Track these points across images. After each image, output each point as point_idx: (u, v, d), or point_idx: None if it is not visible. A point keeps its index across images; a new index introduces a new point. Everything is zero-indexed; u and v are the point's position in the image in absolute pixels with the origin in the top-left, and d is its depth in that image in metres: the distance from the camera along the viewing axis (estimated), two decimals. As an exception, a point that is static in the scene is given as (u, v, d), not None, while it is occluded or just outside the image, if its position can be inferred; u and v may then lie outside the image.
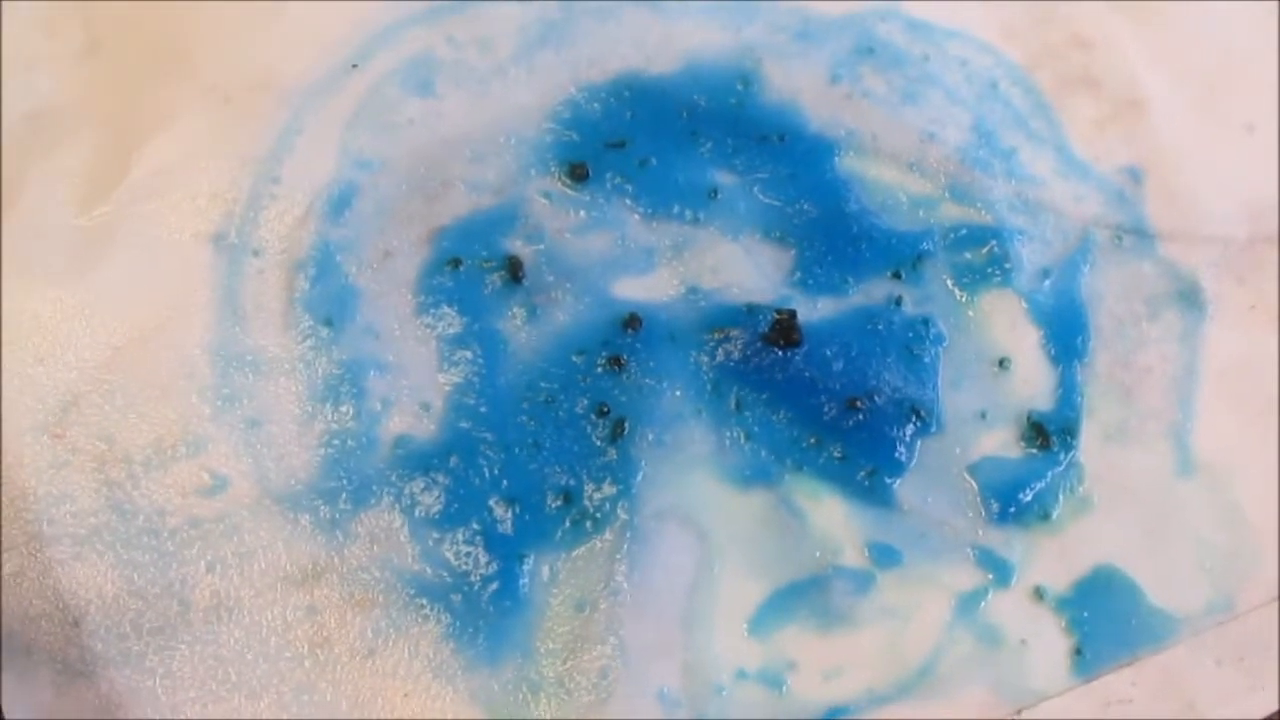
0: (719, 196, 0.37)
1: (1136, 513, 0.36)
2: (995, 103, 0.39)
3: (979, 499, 0.36)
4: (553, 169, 0.37)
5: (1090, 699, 0.35)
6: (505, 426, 0.35)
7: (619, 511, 0.35)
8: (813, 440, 0.36)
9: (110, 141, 0.36)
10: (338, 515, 0.34)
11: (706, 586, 0.35)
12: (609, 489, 0.35)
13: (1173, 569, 0.36)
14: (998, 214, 0.38)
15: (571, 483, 0.35)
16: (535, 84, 0.38)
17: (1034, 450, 0.36)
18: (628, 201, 0.37)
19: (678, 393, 0.36)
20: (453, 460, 0.35)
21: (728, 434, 0.36)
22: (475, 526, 0.34)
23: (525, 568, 0.34)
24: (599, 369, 0.36)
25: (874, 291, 0.37)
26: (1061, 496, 0.36)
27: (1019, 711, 0.34)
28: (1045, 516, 0.36)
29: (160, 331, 0.35)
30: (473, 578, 0.34)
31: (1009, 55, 0.39)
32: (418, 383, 0.35)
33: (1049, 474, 0.36)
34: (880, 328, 0.37)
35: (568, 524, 0.35)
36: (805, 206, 0.38)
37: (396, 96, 0.37)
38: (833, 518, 0.35)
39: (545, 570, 0.34)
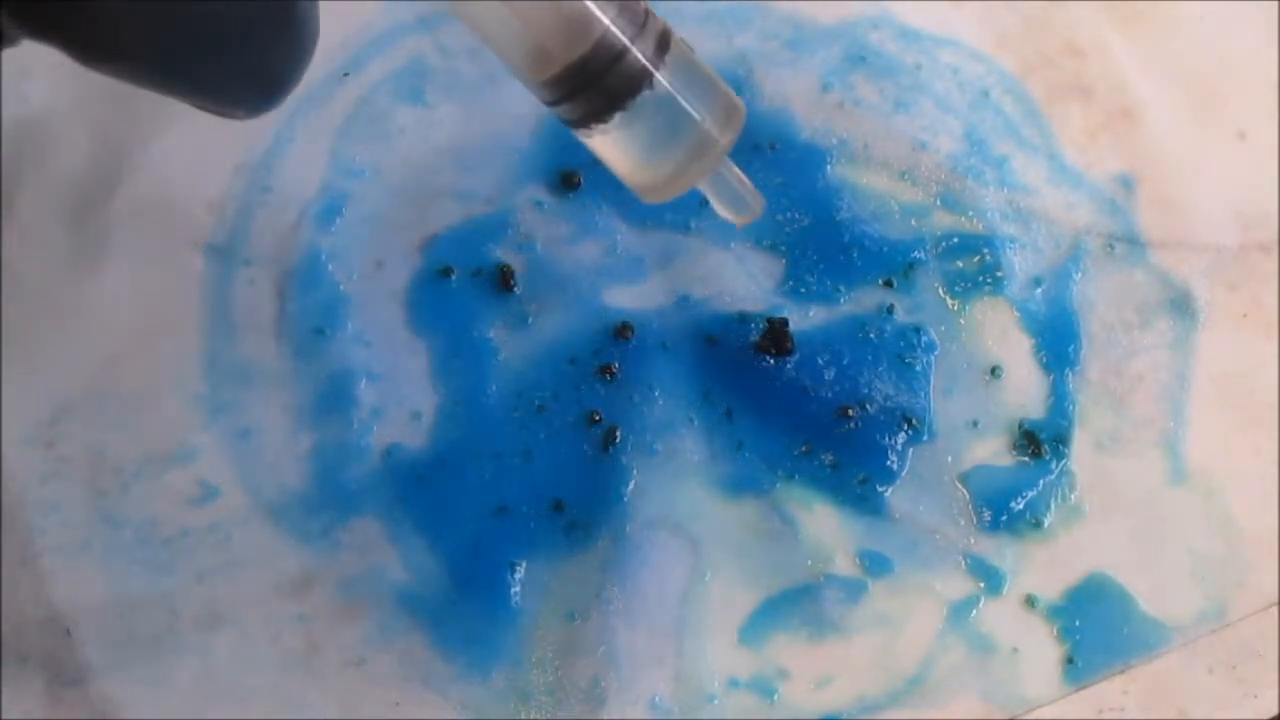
0: (710, 205, 0.37)
1: (1128, 521, 0.36)
2: (987, 111, 0.39)
3: (971, 507, 0.36)
4: (544, 178, 0.37)
5: (1082, 707, 0.34)
6: (496, 435, 0.35)
7: (610, 520, 0.35)
8: (804, 448, 0.36)
9: (103, 150, 0.36)
10: (328, 524, 0.34)
11: (698, 595, 0.34)
12: (600, 497, 0.35)
13: (1165, 577, 0.36)
14: (989, 222, 0.38)
15: (563, 491, 0.35)
16: (526, 93, 0.38)
17: (1026, 458, 0.36)
18: (619, 210, 0.37)
19: (669, 401, 0.36)
20: (444, 469, 0.35)
21: (719, 442, 0.36)
22: (466, 535, 0.34)
23: (516, 576, 0.34)
24: (590, 377, 0.36)
25: (866, 300, 0.37)
26: (1053, 505, 0.36)
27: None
28: (1037, 525, 0.36)
29: (151, 341, 0.35)
30: (463, 586, 0.34)
31: (1000, 63, 0.39)
32: (408, 392, 0.35)
33: (1041, 482, 0.36)
34: (872, 336, 0.37)
35: (559, 533, 0.35)
36: (797, 215, 0.38)
37: (388, 105, 0.37)
38: (824, 526, 0.35)
39: (536, 579, 0.34)
